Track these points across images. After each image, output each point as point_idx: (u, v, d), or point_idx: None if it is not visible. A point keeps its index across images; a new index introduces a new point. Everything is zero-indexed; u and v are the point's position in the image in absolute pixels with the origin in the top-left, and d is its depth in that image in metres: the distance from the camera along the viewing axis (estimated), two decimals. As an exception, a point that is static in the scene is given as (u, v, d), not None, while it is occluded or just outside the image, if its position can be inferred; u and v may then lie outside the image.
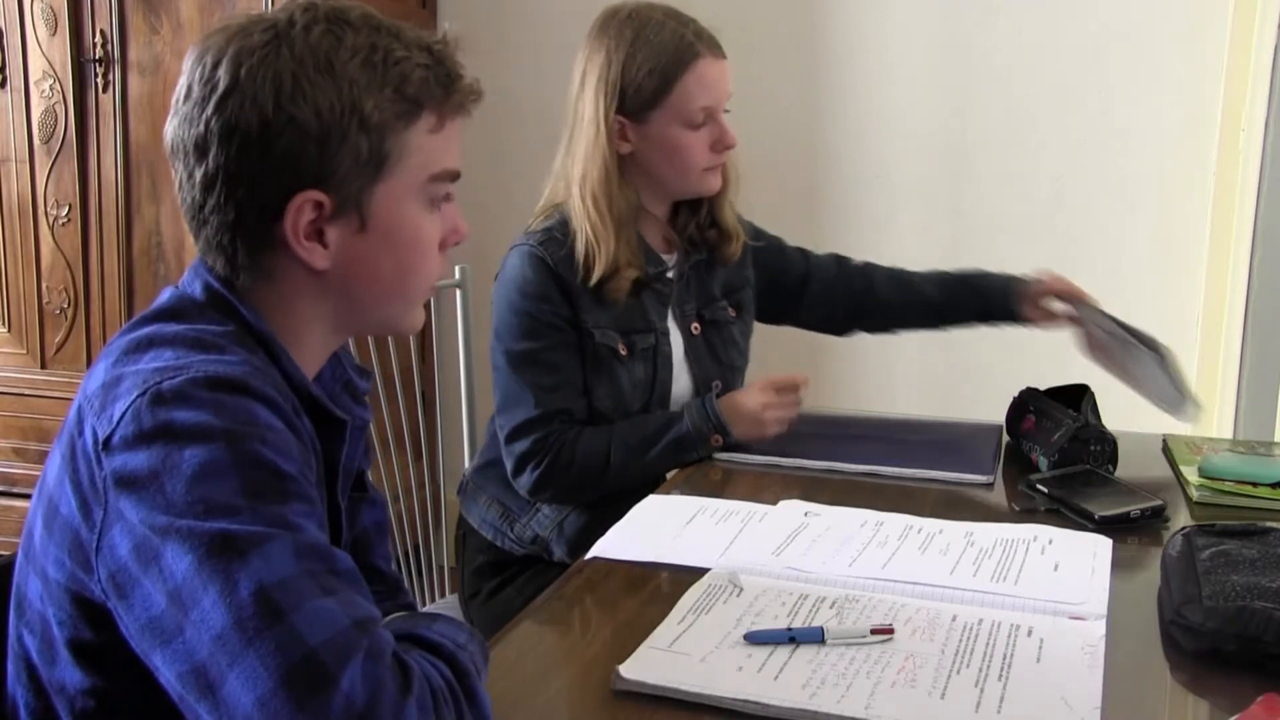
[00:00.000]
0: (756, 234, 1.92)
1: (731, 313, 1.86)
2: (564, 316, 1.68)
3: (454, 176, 1.01)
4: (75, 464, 0.86)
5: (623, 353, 1.71)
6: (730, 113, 1.75)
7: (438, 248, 1.02)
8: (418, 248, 1.00)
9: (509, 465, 1.72)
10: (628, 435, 1.69)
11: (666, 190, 1.76)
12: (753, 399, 1.70)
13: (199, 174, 0.93)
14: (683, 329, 1.80)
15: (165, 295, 0.97)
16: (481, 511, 1.82)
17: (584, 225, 1.67)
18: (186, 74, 0.94)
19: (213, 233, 0.95)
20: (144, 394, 0.83)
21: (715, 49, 1.70)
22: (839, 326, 2.02)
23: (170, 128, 0.95)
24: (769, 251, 1.93)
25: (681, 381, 1.80)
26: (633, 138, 1.69)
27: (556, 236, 1.69)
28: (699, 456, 1.69)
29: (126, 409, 0.83)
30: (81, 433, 0.86)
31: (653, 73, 1.66)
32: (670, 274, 1.79)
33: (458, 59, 0.99)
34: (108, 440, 0.83)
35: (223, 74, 0.91)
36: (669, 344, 1.77)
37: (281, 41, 0.92)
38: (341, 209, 0.94)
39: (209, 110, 0.91)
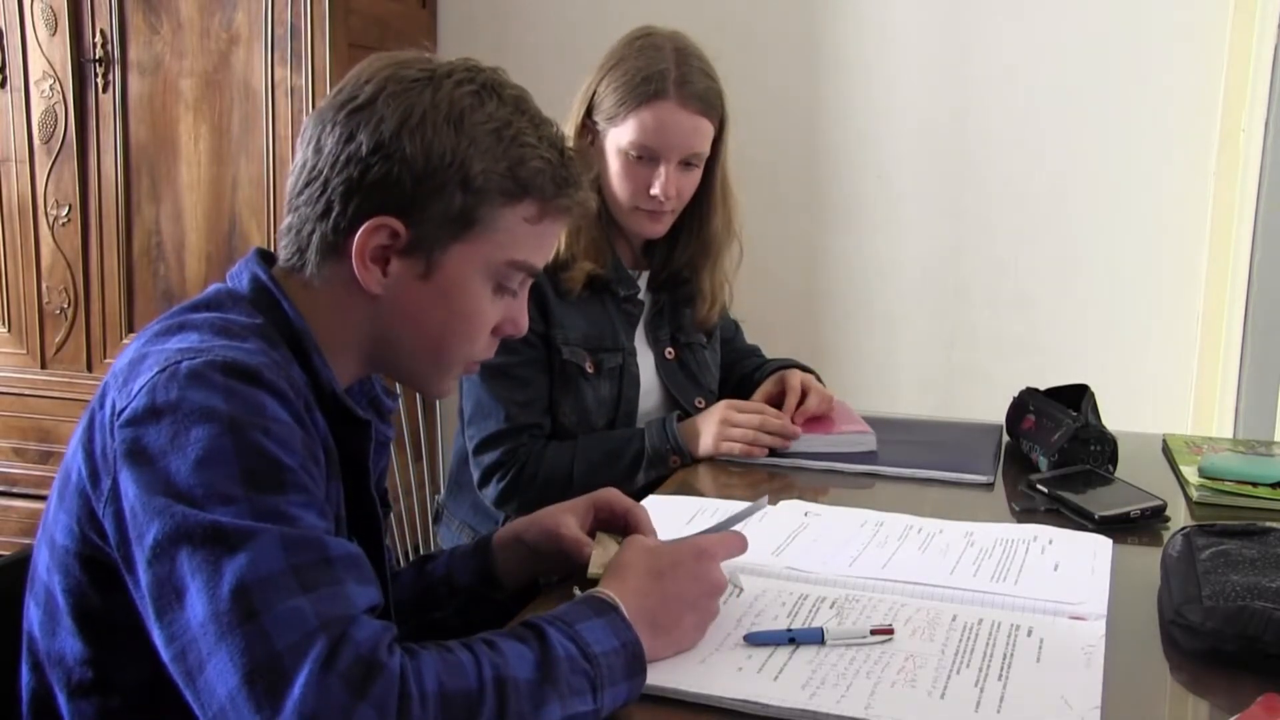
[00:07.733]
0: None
1: (704, 339, 1.90)
2: (538, 333, 1.70)
3: (533, 272, 1.05)
4: (91, 434, 0.90)
5: (589, 370, 1.73)
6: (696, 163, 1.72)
7: (490, 330, 1.06)
8: (469, 320, 1.03)
9: (475, 475, 1.73)
10: (591, 450, 1.71)
11: (610, 209, 1.76)
12: (711, 419, 1.71)
13: (308, 165, 0.99)
14: (656, 352, 1.83)
15: (209, 290, 1.02)
16: (454, 538, 1.82)
17: None
18: (346, 79, 1.02)
19: (298, 221, 1.00)
20: (163, 371, 0.87)
21: (691, 101, 1.68)
22: None
23: (312, 116, 1.01)
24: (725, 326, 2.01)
25: (651, 401, 1.81)
26: (594, 143, 1.74)
27: None
28: (660, 474, 1.69)
29: (145, 384, 0.87)
30: (103, 405, 0.90)
31: (616, 91, 1.69)
32: (642, 296, 1.81)
33: (581, 170, 1.04)
34: (123, 412, 0.87)
35: (367, 91, 0.98)
36: (636, 365, 1.79)
37: (429, 84, 0.99)
38: (414, 249, 0.99)
39: (340, 115, 0.99)
